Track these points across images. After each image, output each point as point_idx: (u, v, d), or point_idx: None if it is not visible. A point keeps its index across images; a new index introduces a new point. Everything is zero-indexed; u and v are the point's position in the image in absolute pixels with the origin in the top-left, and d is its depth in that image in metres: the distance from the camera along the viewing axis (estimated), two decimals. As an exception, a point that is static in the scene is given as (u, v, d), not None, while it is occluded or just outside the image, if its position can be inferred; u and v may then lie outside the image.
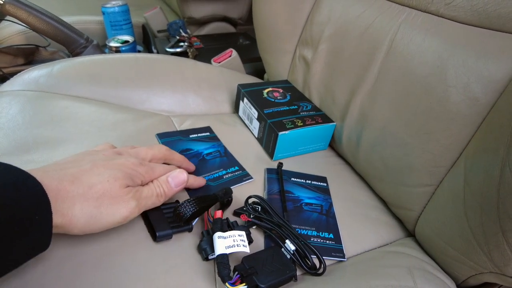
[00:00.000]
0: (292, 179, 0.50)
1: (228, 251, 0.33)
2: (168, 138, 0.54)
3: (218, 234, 0.34)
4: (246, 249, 0.34)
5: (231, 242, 0.33)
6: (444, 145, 0.39)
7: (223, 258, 0.32)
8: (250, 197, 0.42)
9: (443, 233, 0.38)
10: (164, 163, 0.41)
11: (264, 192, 0.48)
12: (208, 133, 0.57)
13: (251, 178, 0.49)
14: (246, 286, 0.31)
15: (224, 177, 0.48)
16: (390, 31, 0.47)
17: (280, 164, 0.51)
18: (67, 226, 0.29)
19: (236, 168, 0.51)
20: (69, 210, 0.28)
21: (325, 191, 0.50)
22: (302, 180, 0.51)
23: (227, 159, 0.52)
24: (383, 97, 0.47)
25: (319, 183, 0.51)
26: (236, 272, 0.32)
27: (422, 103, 0.41)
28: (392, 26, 0.46)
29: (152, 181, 0.36)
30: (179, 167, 0.42)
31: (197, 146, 0.54)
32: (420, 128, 0.41)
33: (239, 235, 0.34)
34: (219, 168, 0.50)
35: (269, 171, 0.51)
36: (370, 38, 0.49)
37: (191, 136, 0.56)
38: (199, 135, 0.56)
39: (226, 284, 0.30)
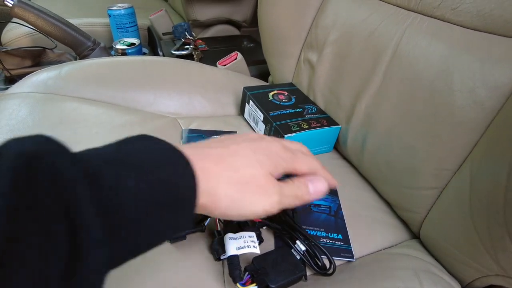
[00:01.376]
0: None
1: (239, 252, 0.33)
2: (193, 134, 0.56)
3: (229, 235, 0.34)
4: (257, 250, 0.34)
5: (241, 243, 0.34)
6: (449, 148, 0.39)
7: (234, 259, 0.33)
8: None
9: (448, 235, 0.39)
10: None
11: None
12: None
13: None
14: (256, 286, 0.31)
15: None
16: (395, 35, 0.47)
17: None
18: (209, 206, 0.27)
19: None
20: (215, 190, 0.27)
21: (333, 192, 0.50)
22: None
23: None
24: (388, 100, 0.47)
25: None
26: (247, 273, 0.33)
27: (428, 107, 0.41)
28: (398, 31, 0.47)
29: (292, 180, 0.33)
30: None
31: None
32: (425, 131, 0.42)
33: (249, 236, 0.35)
34: None
35: None
36: (376, 42, 0.50)
37: (214, 136, 0.57)
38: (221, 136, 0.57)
39: (237, 284, 0.31)
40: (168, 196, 0.23)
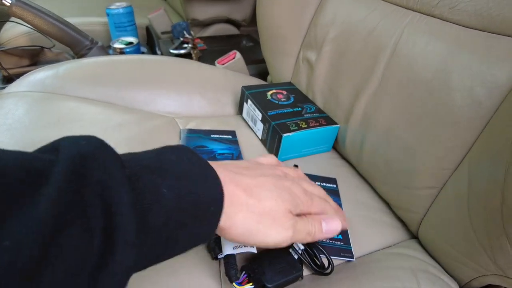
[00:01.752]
0: None
1: (235, 251, 0.33)
2: (191, 134, 0.56)
3: None
4: (253, 249, 0.34)
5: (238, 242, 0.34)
6: (448, 148, 0.39)
7: (230, 258, 0.32)
8: None
9: (446, 235, 0.38)
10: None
11: None
12: (230, 136, 0.58)
13: None
14: (253, 286, 0.31)
15: None
16: (394, 34, 0.47)
17: (296, 167, 0.52)
18: (226, 230, 0.28)
19: None
20: (234, 216, 0.28)
21: (335, 192, 0.50)
22: (312, 182, 0.51)
23: None
24: (387, 99, 0.47)
25: (329, 185, 0.51)
26: (243, 272, 0.32)
27: (426, 106, 0.41)
28: (397, 29, 0.47)
29: (306, 216, 0.34)
30: None
31: (213, 145, 0.55)
32: (424, 131, 0.42)
33: None
34: None
35: None
36: (374, 41, 0.50)
37: (212, 135, 0.57)
38: (220, 136, 0.58)
39: (234, 284, 0.31)
40: (197, 209, 0.25)
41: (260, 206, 0.29)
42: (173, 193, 0.23)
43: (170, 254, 0.25)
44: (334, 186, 0.51)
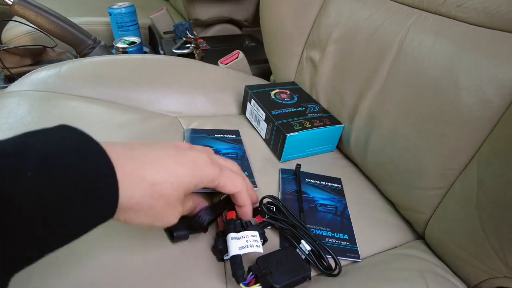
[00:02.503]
0: (306, 179, 0.51)
1: (241, 252, 0.32)
2: (196, 134, 0.56)
3: (231, 235, 0.34)
4: (260, 249, 0.33)
5: (244, 243, 0.33)
6: (455, 147, 0.39)
7: (237, 259, 0.32)
8: (264, 197, 0.42)
9: (454, 236, 0.38)
10: None
11: (278, 192, 0.48)
12: (234, 136, 0.58)
13: (255, 187, 0.48)
14: (260, 287, 0.31)
15: None
16: (399, 33, 0.46)
17: (298, 166, 0.52)
18: (131, 209, 0.27)
19: (246, 174, 0.50)
20: (132, 198, 0.27)
21: (340, 192, 0.50)
22: (317, 181, 0.51)
23: (241, 162, 0.52)
24: (393, 99, 0.46)
25: (334, 184, 0.51)
26: (251, 273, 0.32)
27: (433, 105, 0.41)
28: (402, 28, 0.46)
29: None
30: None
31: (218, 145, 0.55)
32: (430, 130, 0.41)
33: (252, 236, 0.34)
34: None
35: (283, 171, 0.51)
36: (379, 40, 0.49)
37: (216, 135, 0.57)
38: (224, 136, 0.58)
39: (241, 284, 0.30)
40: (80, 185, 0.23)
41: (154, 190, 0.28)
42: (41, 173, 0.22)
43: (63, 235, 0.24)
44: (339, 186, 0.51)
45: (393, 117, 0.46)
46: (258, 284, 0.31)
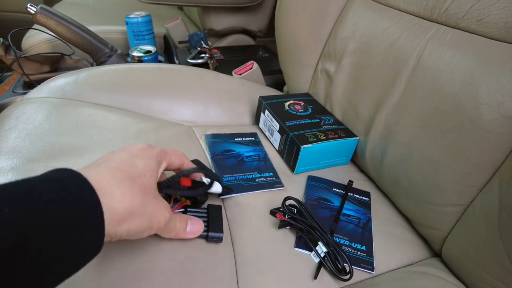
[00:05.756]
0: (333, 189, 0.51)
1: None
2: (215, 139, 0.57)
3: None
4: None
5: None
6: (475, 164, 0.38)
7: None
8: (287, 198, 0.43)
9: (474, 256, 0.37)
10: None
11: (303, 197, 0.49)
12: (253, 138, 0.60)
13: (282, 186, 0.50)
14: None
15: (257, 180, 0.50)
16: (417, 47, 0.46)
17: (351, 182, 0.52)
18: (125, 219, 0.27)
19: (271, 174, 0.52)
20: (123, 198, 0.27)
21: (366, 205, 0.50)
22: (344, 192, 0.51)
23: (264, 164, 0.54)
24: (410, 112, 0.46)
25: (362, 197, 0.51)
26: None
27: (452, 120, 0.40)
28: (420, 42, 0.46)
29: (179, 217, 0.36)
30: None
31: (239, 148, 0.56)
32: (449, 145, 0.40)
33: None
34: (254, 171, 0.52)
35: (311, 178, 0.53)
36: (396, 54, 0.49)
37: (236, 139, 0.58)
38: (244, 139, 0.59)
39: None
40: (65, 214, 0.23)
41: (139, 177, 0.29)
42: (18, 208, 0.21)
43: (54, 272, 0.22)
44: (367, 199, 0.51)
45: (410, 131, 0.46)
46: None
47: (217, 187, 0.41)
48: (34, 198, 0.22)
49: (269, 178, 0.51)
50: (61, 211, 0.22)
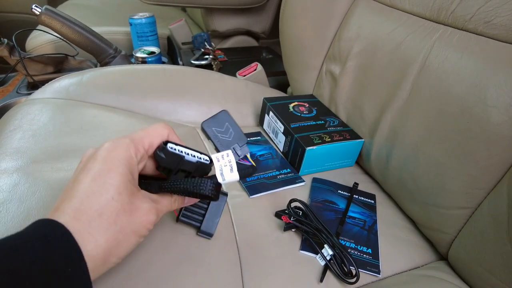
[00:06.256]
0: (338, 191, 0.51)
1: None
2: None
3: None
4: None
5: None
6: (483, 166, 0.37)
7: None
8: (293, 200, 0.43)
9: (482, 259, 0.36)
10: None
11: (308, 199, 0.49)
12: (259, 137, 0.61)
13: (303, 181, 0.51)
14: None
15: (278, 177, 0.51)
16: (423, 49, 0.46)
17: (356, 184, 0.52)
18: (104, 260, 0.26)
19: (289, 170, 0.53)
20: (97, 243, 0.25)
21: (372, 208, 0.50)
22: (349, 194, 0.51)
23: (279, 161, 0.55)
24: (416, 115, 0.46)
25: (367, 199, 0.51)
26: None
27: (459, 122, 0.40)
28: (426, 44, 0.46)
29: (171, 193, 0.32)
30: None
31: (251, 148, 0.57)
32: (456, 148, 0.40)
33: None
34: (273, 169, 0.53)
35: (315, 180, 0.53)
36: (402, 55, 0.49)
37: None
38: (251, 138, 0.60)
39: None
40: (47, 267, 0.22)
41: (105, 218, 0.26)
42: (2, 271, 0.21)
43: None
44: (372, 202, 0.51)
45: (416, 133, 0.45)
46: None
47: (230, 174, 0.34)
48: (18, 261, 0.21)
49: (288, 175, 0.52)
50: (45, 271, 0.22)
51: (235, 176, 0.35)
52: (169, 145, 0.31)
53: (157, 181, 0.32)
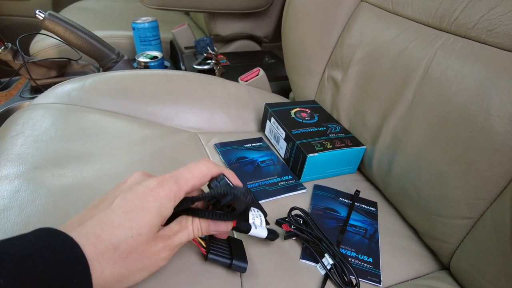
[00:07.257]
0: (340, 198, 0.51)
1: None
2: (226, 148, 0.58)
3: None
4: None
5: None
6: (486, 176, 0.37)
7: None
8: (293, 208, 0.43)
9: (484, 270, 0.36)
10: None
11: (309, 207, 0.49)
12: (260, 143, 0.61)
13: (304, 188, 0.51)
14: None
15: (279, 184, 0.51)
16: (426, 56, 0.46)
17: (357, 192, 0.52)
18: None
19: (290, 177, 0.53)
20: (102, 275, 0.26)
21: (373, 216, 0.49)
22: (350, 201, 0.51)
23: (281, 167, 0.55)
24: (418, 122, 0.45)
25: (369, 207, 0.51)
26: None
27: (461, 131, 0.39)
28: (428, 51, 0.45)
29: (192, 221, 0.32)
30: None
31: (252, 154, 0.57)
32: (458, 157, 0.40)
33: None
34: (274, 176, 0.53)
35: (317, 187, 0.52)
36: (404, 62, 0.48)
37: (245, 145, 0.59)
38: (252, 144, 0.60)
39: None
40: (55, 281, 0.23)
41: (119, 252, 0.26)
42: (15, 279, 0.21)
43: None
44: (374, 209, 0.50)
45: (418, 141, 0.45)
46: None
47: (260, 231, 0.35)
48: (26, 269, 0.22)
49: (290, 182, 0.52)
50: (52, 280, 0.23)
51: (264, 231, 0.36)
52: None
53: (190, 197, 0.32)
